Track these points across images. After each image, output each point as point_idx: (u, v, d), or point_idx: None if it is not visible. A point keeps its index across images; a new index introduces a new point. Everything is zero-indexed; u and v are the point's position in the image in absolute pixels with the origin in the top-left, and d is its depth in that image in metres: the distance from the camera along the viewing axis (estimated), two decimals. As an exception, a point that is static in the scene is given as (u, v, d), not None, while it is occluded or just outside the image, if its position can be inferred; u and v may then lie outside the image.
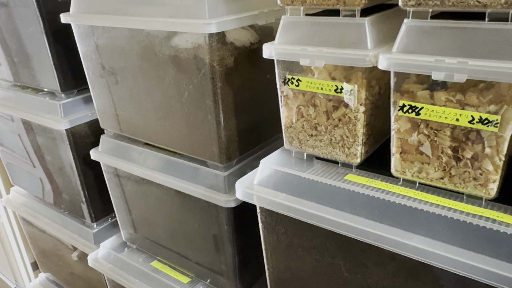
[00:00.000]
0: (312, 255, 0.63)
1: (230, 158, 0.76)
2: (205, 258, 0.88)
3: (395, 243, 0.50)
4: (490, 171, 0.49)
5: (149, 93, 0.80)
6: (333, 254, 0.61)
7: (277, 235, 0.66)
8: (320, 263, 0.63)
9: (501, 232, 0.47)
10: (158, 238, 0.98)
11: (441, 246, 0.47)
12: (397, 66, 0.49)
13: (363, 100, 0.55)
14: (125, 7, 0.75)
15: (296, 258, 0.66)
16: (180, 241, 0.92)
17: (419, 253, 0.48)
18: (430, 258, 0.48)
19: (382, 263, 0.56)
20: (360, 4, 0.52)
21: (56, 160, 1.06)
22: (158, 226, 0.96)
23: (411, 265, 0.52)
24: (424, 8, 0.47)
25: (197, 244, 0.88)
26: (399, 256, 0.51)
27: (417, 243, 0.49)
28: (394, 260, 0.54)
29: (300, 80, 0.59)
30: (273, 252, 0.68)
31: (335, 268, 0.61)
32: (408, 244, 0.49)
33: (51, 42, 0.93)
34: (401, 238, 0.50)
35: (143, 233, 1.01)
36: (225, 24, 0.65)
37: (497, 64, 0.43)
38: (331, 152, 0.62)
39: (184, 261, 0.94)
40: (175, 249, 0.95)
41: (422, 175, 0.54)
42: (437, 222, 0.51)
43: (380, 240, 0.51)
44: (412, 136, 0.52)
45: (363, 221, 0.54)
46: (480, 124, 0.47)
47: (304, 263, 0.65)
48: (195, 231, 0.86)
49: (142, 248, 1.05)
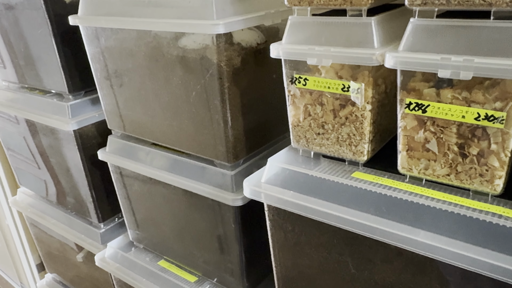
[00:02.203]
0: (320, 252, 0.64)
1: (237, 157, 0.77)
2: (212, 257, 0.89)
3: (402, 238, 0.51)
4: (496, 167, 0.49)
5: (157, 93, 0.81)
6: (340, 251, 0.61)
7: (285, 233, 0.66)
8: (328, 260, 0.64)
9: (508, 227, 0.47)
10: (165, 238, 0.99)
11: (448, 241, 0.48)
12: (403, 65, 0.50)
13: (369, 99, 0.56)
14: (133, 8, 0.77)
15: (304, 256, 0.66)
16: (187, 240, 0.93)
17: (426, 248, 0.49)
18: (436, 253, 0.48)
19: (389, 259, 0.57)
20: (366, 4, 0.53)
21: (64, 161, 1.07)
22: (165, 226, 0.96)
23: (418, 260, 0.53)
24: (430, 7, 0.48)
25: (204, 243, 0.89)
26: (406, 252, 0.52)
27: (424, 239, 0.49)
28: (401, 256, 0.55)
29: (307, 79, 0.60)
30: (281, 249, 0.69)
31: (342, 265, 0.62)
32: (415, 239, 0.50)
33: (59, 44, 0.94)
34: (408, 234, 0.51)
35: (150, 232, 1.02)
36: (232, 25, 0.66)
37: (502, 61, 0.44)
38: (338, 150, 0.62)
39: (191, 260, 0.95)
40: (182, 248, 0.96)
41: (429, 172, 0.55)
42: (444, 218, 0.52)
43: (387, 236, 0.52)
44: (419, 133, 0.53)
45: (370, 217, 0.54)
46: (486, 121, 0.48)
47: (312, 260, 0.66)
48: (202, 230, 0.87)
49: (149, 248, 1.06)
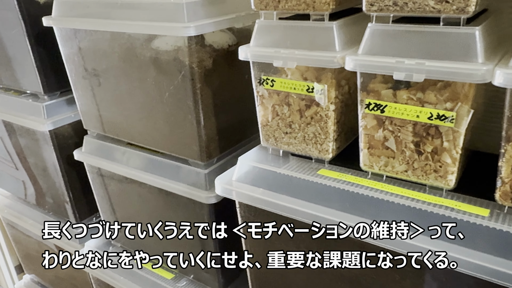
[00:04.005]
0: (289, 247, 0.66)
1: (210, 156, 0.79)
2: (188, 254, 0.91)
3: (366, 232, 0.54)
4: (449, 164, 0.53)
5: (131, 94, 0.82)
6: (308, 245, 0.64)
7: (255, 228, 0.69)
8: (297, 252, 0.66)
9: (459, 219, 0.51)
10: (141, 236, 1.00)
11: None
12: (362, 67, 0.52)
13: (333, 99, 0.59)
14: (107, 10, 0.78)
15: (274, 251, 0.69)
16: (164, 238, 0.94)
17: (386, 241, 0.52)
18: (395, 245, 0.51)
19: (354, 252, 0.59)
20: (328, 9, 0.55)
21: (40, 161, 1.07)
22: (142, 224, 0.98)
23: (378, 252, 0.56)
24: (386, 13, 0.51)
25: (180, 240, 0.90)
26: (368, 245, 0.55)
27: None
28: (363, 248, 0.58)
29: (274, 81, 0.62)
30: (252, 245, 0.71)
31: (310, 258, 0.65)
32: (376, 232, 0.53)
33: (34, 44, 0.94)
34: (369, 228, 0.54)
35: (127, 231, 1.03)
36: (203, 27, 0.68)
37: (451, 64, 0.47)
38: (304, 149, 0.65)
39: (167, 257, 0.96)
40: (159, 247, 0.97)
41: (388, 168, 0.58)
42: (403, 212, 0.55)
43: (349, 230, 0.55)
44: (378, 132, 0.56)
45: (334, 212, 0.57)
46: (438, 120, 0.51)
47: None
48: (177, 228, 0.89)
49: (126, 246, 1.07)
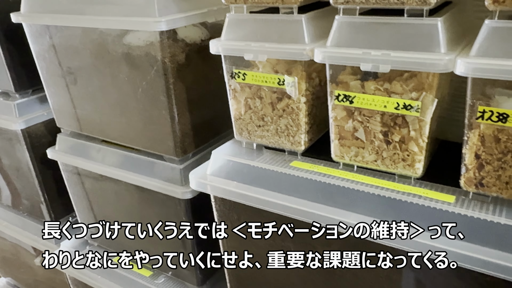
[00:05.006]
0: (265, 240, 0.67)
1: (185, 151, 0.79)
2: (166, 251, 0.90)
3: (336, 222, 0.55)
4: (416, 152, 0.54)
5: (104, 90, 0.81)
6: (283, 237, 0.65)
7: (231, 222, 0.69)
8: (273, 247, 0.67)
9: (426, 206, 0.52)
10: (119, 234, 0.99)
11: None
12: (330, 59, 0.53)
13: (303, 91, 0.60)
14: (78, 6, 0.76)
15: (251, 244, 0.69)
16: (141, 236, 0.94)
17: (358, 230, 0.53)
18: (367, 233, 0.52)
19: (327, 243, 0.60)
20: (297, 2, 0.56)
21: (13, 161, 1.05)
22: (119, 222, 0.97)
23: (353, 242, 0.57)
24: (352, 5, 0.52)
25: (157, 237, 0.90)
26: (342, 235, 0.56)
27: (356, 221, 0.53)
28: (338, 239, 0.59)
29: (246, 74, 0.62)
30: (228, 239, 0.72)
31: (286, 251, 0.65)
32: (348, 222, 0.54)
33: (3, 42, 0.92)
34: (342, 217, 0.55)
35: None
36: (174, 22, 0.68)
37: (415, 55, 0.48)
38: (277, 141, 0.66)
39: (145, 255, 0.96)
40: (137, 244, 0.97)
41: (359, 158, 0.59)
42: (373, 201, 0.56)
43: (323, 220, 0.56)
44: (348, 123, 0.57)
45: (307, 203, 0.58)
46: (404, 110, 0.52)
47: (258, 248, 0.69)
48: (154, 225, 0.88)
49: (103, 245, 1.05)
